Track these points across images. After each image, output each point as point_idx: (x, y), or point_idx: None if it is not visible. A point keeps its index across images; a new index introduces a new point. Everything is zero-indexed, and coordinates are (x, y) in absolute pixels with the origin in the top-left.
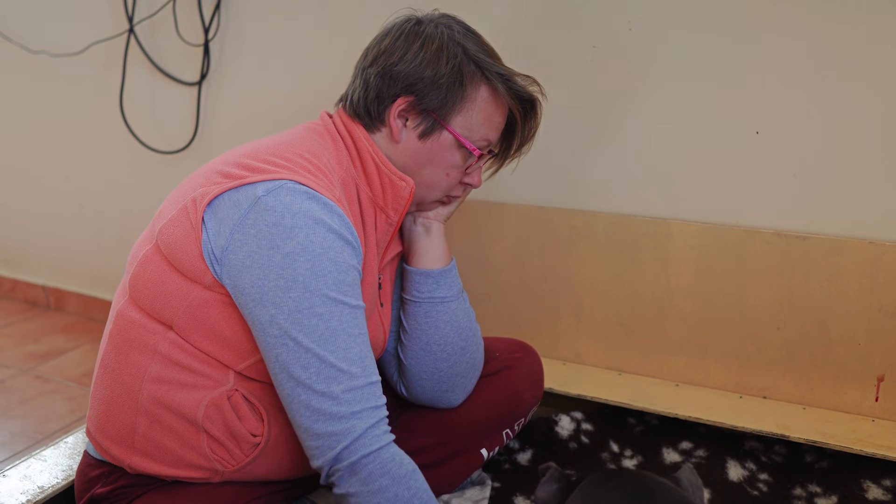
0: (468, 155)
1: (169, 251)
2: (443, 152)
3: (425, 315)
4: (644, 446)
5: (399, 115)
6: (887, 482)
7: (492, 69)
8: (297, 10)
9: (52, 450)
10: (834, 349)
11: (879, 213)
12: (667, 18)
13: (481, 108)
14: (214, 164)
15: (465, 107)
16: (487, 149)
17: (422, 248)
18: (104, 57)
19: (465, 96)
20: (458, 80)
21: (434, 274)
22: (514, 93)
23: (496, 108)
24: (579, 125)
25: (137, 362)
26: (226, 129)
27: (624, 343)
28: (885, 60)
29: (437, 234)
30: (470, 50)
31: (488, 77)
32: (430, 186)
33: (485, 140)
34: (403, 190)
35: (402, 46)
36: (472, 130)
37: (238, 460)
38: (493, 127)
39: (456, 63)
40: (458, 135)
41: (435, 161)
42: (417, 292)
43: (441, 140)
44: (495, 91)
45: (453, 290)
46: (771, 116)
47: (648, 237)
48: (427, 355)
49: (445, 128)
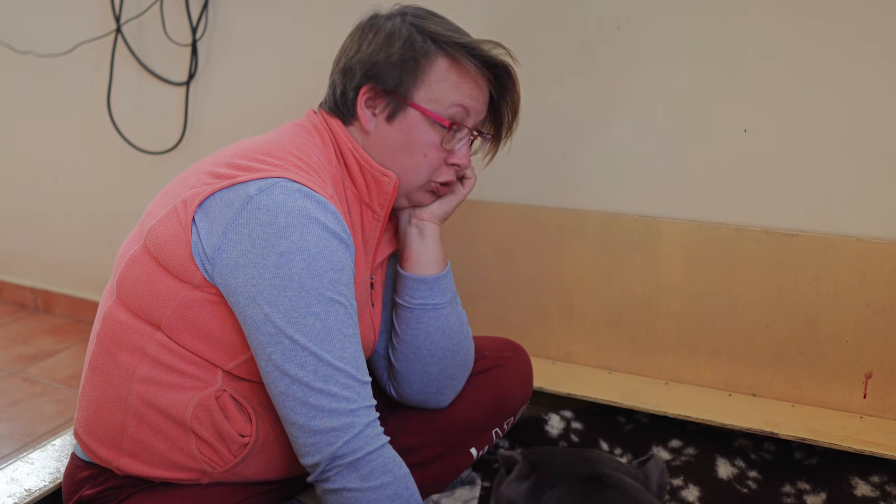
0: (443, 131)
1: (158, 252)
2: (414, 132)
3: (417, 321)
4: (634, 445)
5: (366, 105)
6: (876, 478)
7: (447, 40)
8: (284, 9)
9: (39, 452)
10: (822, 346)
11: (867, 211)
12: (655, 17)
13: (443, 78)
14: (204, 164)
15: (424, 79)
16: (464, 122)
17: (415, 252)
18: (91, 57)
19: (421, 69)
20: (412, 57)
21: (428, 280)
22: (478, 59)
23: (461, 76)
24: (568, 124)
25: (125, 363)
26: (214, 128)
27: (613, 341)
28: (871, 59)
29: (431, 236)
30: (424, 27)
31: (443, 47)
32: (412, 171)
33: (457, 107)
34: (387, 185)
35: (357, 40)
36: (437, 102)
37: (226, 461)
38: (464, 93)
39: (406, 40)
40: (424, 108)
41: (409, 144)
42: (410, 298)
43: (409, 119)
44: (454, 59)
45: (447, 296)
46: (759, 115)
47: (638, 236)
48: (417, 360)
49: (409, 104)
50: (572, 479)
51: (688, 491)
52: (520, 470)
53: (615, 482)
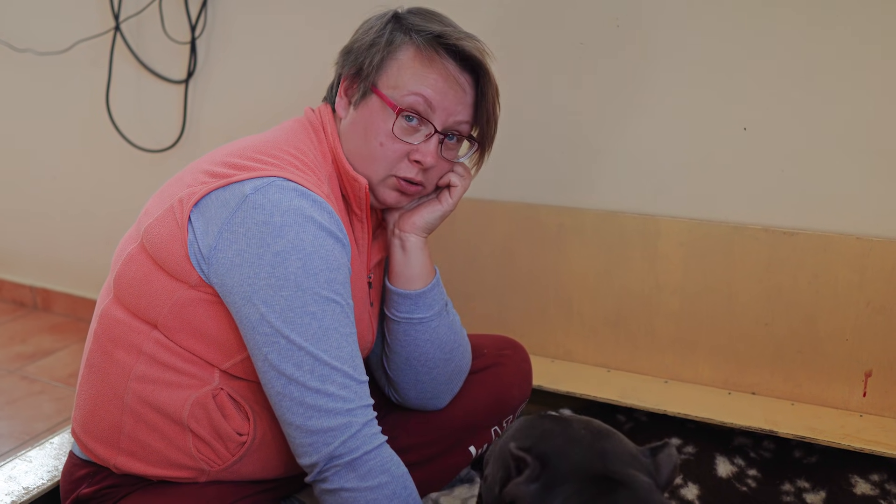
0: (400, 120)
1: (154, 250)
2: (372, 117)
3: (404, 334)
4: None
5: (345, 92)
6: (875, 477)
7: (418, 29)
8: (283, 7)
9: (37, 450)
10: (822, 345)
11: (866, 209)
12: (654, 15)
13: (407, 66)
14: (201, 163)
15: (389, 66)
16: (425, 113)
17: (398, 266)
18: (90, 55)
19: (388, 56)
20: (380, 42)
21: (412, 296)
22: (447, 50)
23: (425, 65)
24: (567, 122)
25: (122, 362)
26: (213, 127)
27: (613, 340)
28: (871, 58)
29: (413, 249)
30: (403, 18)
31: (411, 35)
32: (370, 160)
33: (414, 95)
34: (359, 190)
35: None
36: (396, 88)
37: (224, 460)
38: (425, 83)
39: (380, 27)
40: (382, 94)
41: (368, 130)
42: (396, 311)
43: (370, 104)
44: (420, 48)
45: (434, 309)
46: (758, 113)
47: (637, 234)
48: (408, 369)
49: (372, 90)
50: (583, 477)
51: (687, 489)
52: (531, 472)
53: (627, 480)
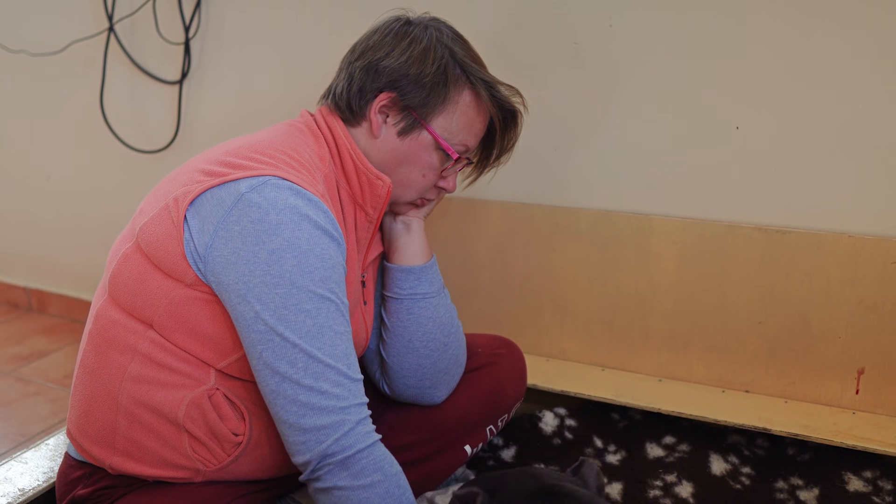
0: (445, 158)
1: (150, 250)
2: (420, 152)
3: (407, 312)
4: (628, 441)
5: (380, 110)
6: (868, 474)
7: (477, 75)
8: (277, 7)
9: (32, 452)
10: (815, 343)
11: (859, 208)
12: (647, 14)
13: (463, 112)
14: (196, 162)
15: (446, 108)
16: (465, 155)
17: (402, 245)
18: (84, 56)
19: (448, 98)
20: (443, 81)
21: (415, 270)
22: (496, 101)
23: (478, 113)
24: (560, 121)
25: (117, 362)
26: (207, 127)
27: (607, 339)
28: (864, 56)
29: (417, 230)
30: (457, 54)
31: (472, 82)
32: (406, 186)
33: (463, 145)
34: (381, 188)
35: (389, 43)
36: (451, 133)
37: (220, 460)
38: (473, 133)
39: (441, 64)
40: (438, 136)
41: (412, 160)
42: (399, 289)
43: (420, 140)
44: (478, 97)
45: (434, 286)
46: (751, 112)
47: (631, 233)
48: (410, 352)
49: (425, 127)
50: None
51: (681, 487)
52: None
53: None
